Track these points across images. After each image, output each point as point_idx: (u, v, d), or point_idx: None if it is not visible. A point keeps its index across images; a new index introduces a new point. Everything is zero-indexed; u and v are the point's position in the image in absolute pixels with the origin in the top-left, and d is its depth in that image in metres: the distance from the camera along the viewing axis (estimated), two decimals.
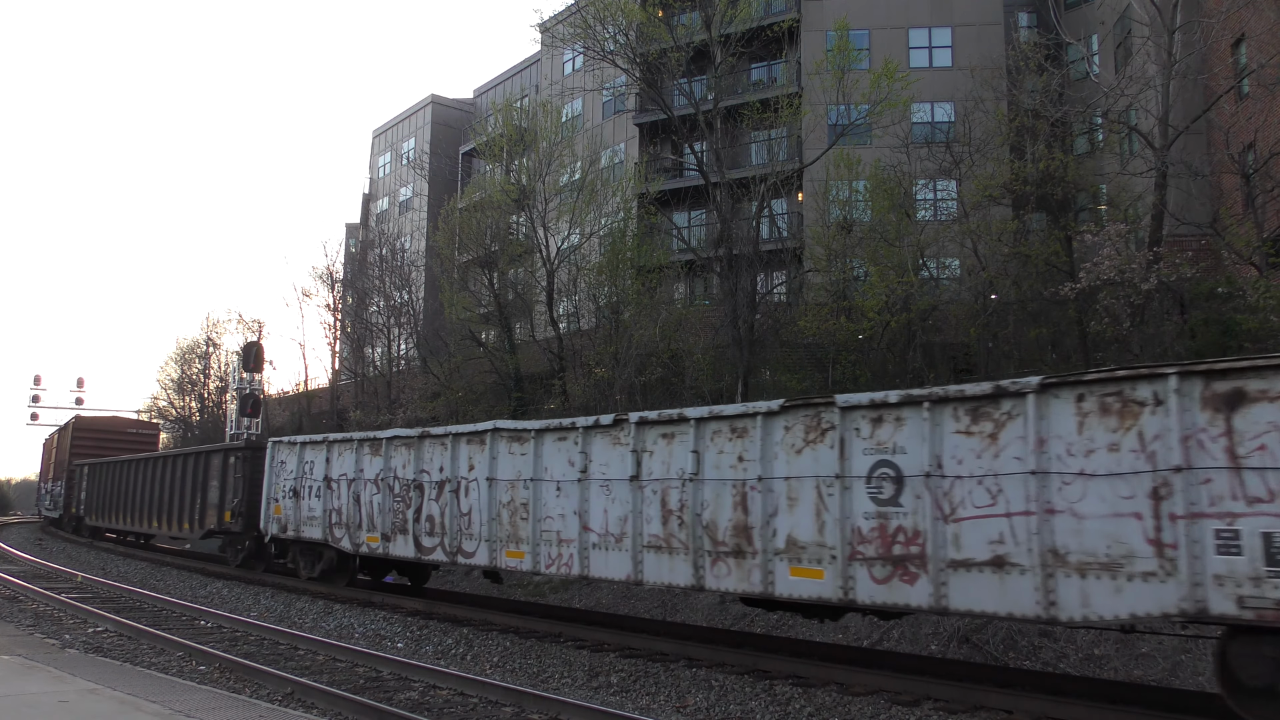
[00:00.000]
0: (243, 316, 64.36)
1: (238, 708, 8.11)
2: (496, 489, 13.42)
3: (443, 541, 14.35)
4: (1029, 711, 8.26)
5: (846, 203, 25.80)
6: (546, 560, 12.46)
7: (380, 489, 15.90)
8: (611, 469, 11.85)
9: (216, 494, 21.71)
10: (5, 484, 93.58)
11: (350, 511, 16.78)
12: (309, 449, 18.07)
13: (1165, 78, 20.35)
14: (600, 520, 11.85)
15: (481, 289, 33.45)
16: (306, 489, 17.91)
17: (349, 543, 16.71)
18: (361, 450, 16.66)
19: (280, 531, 18.62)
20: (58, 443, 40.46)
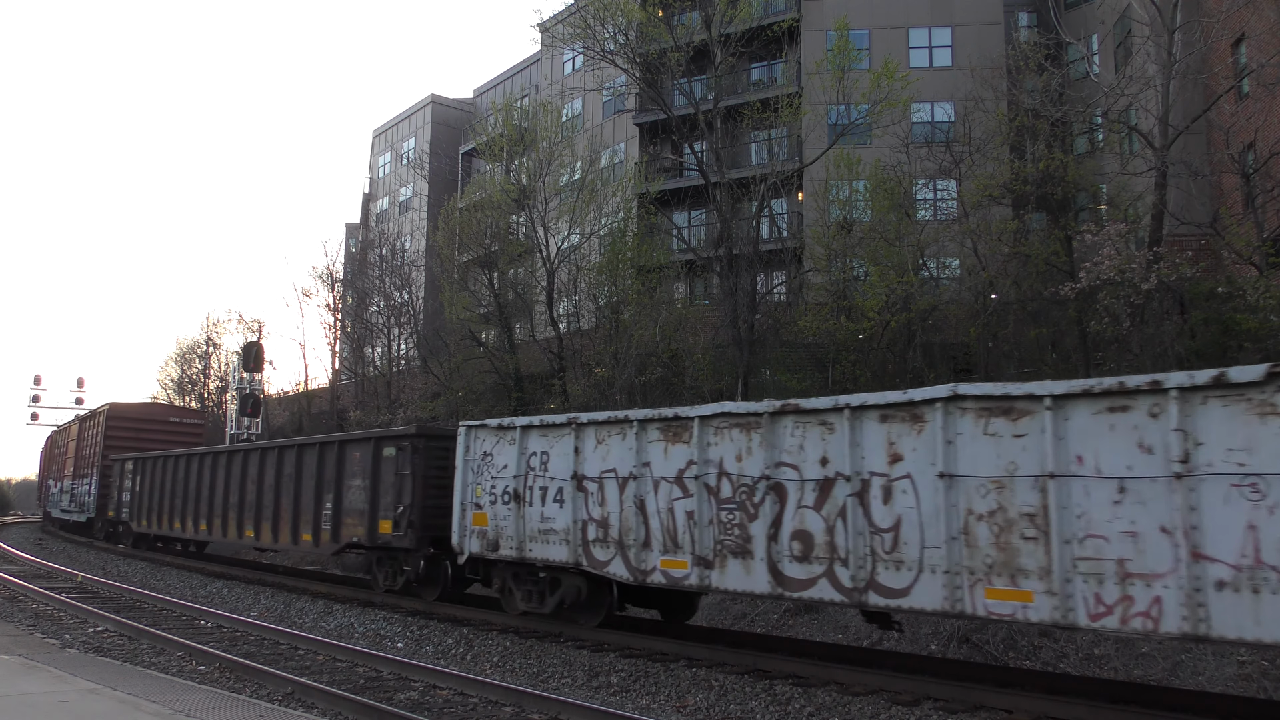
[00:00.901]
0: (243, 316, 64.40)
1: (238, 707, 8.12)
2: (959, 491, 8.89)
3: (831, 571, 9.66)
4: (1029, 711, 8.26)
5: (846, 202, 25.81)
6: (1090, 605, 7.99)
7: (691, 491, 11.06)
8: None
9: (362, 496, 16.56)
10: (5, 484, 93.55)
11: (628, 523, 11.82)
12: (537, 435, 13.13)
13: (1165, 77, 20.35)
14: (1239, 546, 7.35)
15: (481, 289, 33.45)
16: (536, 491, 12.98)
17: (623, 567, 11.73)
18: (646, 435, 11.79)
19: (487, 549, 13.52)
20: (81, 435, 35.23)
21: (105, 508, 30.62)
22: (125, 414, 32.91)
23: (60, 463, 38.77)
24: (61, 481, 37.96)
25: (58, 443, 40.50)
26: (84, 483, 33.38)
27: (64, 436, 39.25)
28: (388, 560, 16.59)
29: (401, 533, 15.48)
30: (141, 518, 26.87)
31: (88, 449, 33.31)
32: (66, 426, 39.69)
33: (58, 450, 39.99)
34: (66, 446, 37.63)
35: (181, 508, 23.79)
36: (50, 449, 43.13)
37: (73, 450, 35.72)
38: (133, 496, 27.46)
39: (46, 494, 42.17)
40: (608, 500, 12.04)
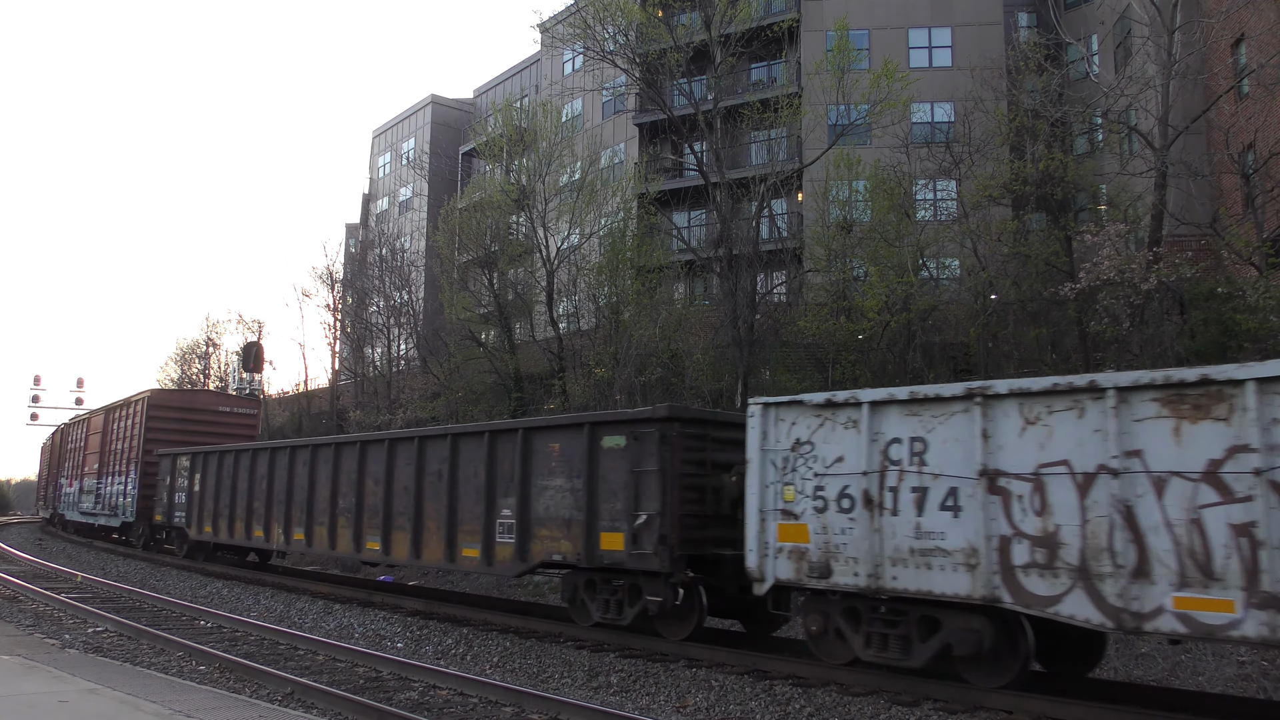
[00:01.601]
0: (242, 316, 64.36)
1: (238, 707, 8.12)
2: None
3: None
4: (1029, 711, 8.26)
5: (846, 203, 25.83)
6: None
7: (1244, 493, 7.37)
8: None
9: (567, 501, 12.59)
10: (5, 484, 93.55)
11: (1098, 540, 8.04)
12: (899, 415, 9.40)
13: (1165, 78, 20.37)
14: None
15: (481, 289, 33.47)
16: (904, 494, 9.22)
17: (1090, 606, 7.99)
18: (1130, 409, 8.02)
19: (809, 574, 9.84)
20: (109, 427, 30.27)
21: (149, 510, 25.87)
22: (169, 402, 28.11)
23: (76, 459, 34.24)
24: (80, 480, 33.15)
25: (71, 437, 36.15)
26: (115, 481, 28.58)
27: (80, 430, 34.65)
28: (609, 585, 12.30)
29: (646, 550, 11.42)
30: (203, 523, 22.07)
31: (120, 442, 28.82)
32: (85, 419, 34.70)
33: (72, 445, 35.76)
34: (86, 440, 33.20)
35: (264, 512, 19.38)
36: (59, 444, 38.81)
37: (96, 444, 31.04)
38: (190, 498, 22.75)
39: (58, 493, 37.27)
40: (1053, 506, 8.30)
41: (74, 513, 33.45)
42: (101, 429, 30.98)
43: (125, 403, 29.38)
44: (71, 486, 34.61)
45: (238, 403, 30.05)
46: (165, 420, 27.07)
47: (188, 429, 26.89)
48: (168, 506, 24.01)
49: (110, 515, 28.91)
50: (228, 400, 30.76)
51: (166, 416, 27.20)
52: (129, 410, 28.74)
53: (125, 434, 28.49)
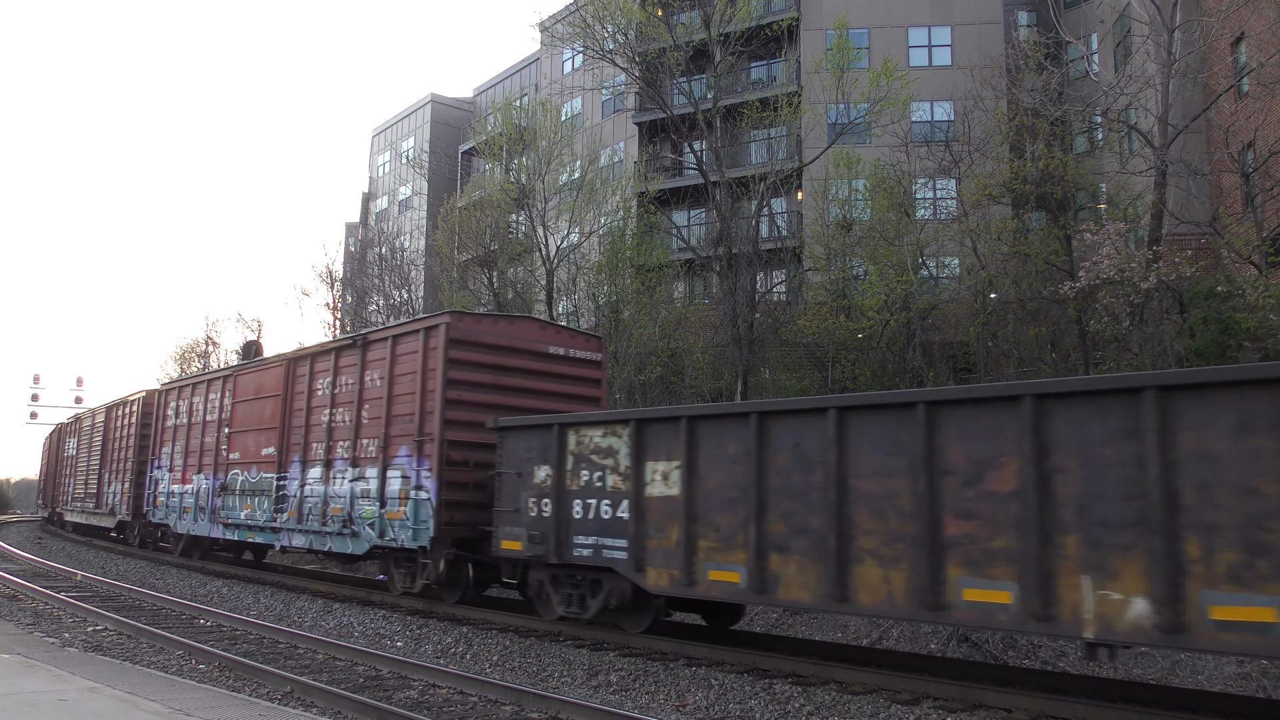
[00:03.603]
0: (242, 315, 64.37)
1: (237, 706, 8.12)
2: None
3: None
4: (1028, 710, 8.26)
5: (846, 202, 25.84)
6: None
7: None
8: None
9: None
10: (5, 483, 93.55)
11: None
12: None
13: (1165, 76, 20.37)
14: None
15: (481, 288, 33.47)
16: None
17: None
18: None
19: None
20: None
21: (465, 525, 14.02)
22: (475, 334, 14.66)
23: (157, 434, 23.36)
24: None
25: (184, 409, 22.34)
26: (350, 473, 15.50)
27: (184, 397, 22.20)
28: None
29: None
30: (704, 559, 10.37)
31: (364, 408, 15.48)
32: (204, 379, 21.80)
33: (178, 422, 22.58)
34: (198, 408, 21.32)
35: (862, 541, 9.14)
36: (121, 422, 27.60)
37: (251, 416, 18.74)
38: (647, 509, 10.98)
39: (152, 496, 23.77)
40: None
41: (203, 523, 20.57)
42: (280, 386, 17.72)
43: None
44: (176, 482, 22.01)
45: (573, 340, 15.92)
46: (468, 365, 14.25)
47: (497, 383, 14.47)
48: (556, 526, 11.94)
49: (331, 531, 15.82)
50: (559, 336, 15.89)
51: (470, 361, 14.27)
52: (431, 342, 14.40)
53: (425, 394, 14.26)
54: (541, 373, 15.07)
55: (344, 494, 15.49)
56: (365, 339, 15.63)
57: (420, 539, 13.77)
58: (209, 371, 22.18)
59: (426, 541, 13.68)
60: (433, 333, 14.35)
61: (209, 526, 20.24)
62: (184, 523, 21.61)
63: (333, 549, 15.89)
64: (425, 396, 14.09)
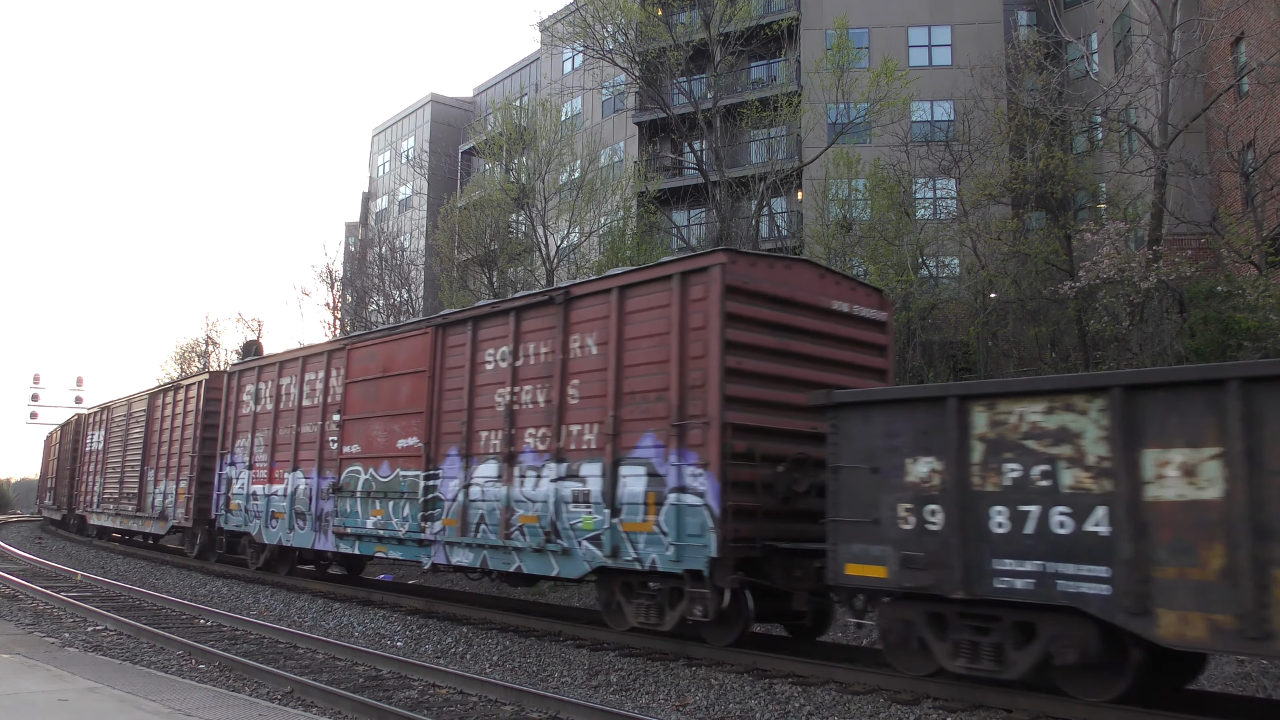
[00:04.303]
0: (242, 315, 64.35)
1: (237, 706, 8.12)
2: None
3: None
4: (1028, 710, 8.25)
5: (846, 201, 25.83)
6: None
7: None
8: None
9: None
10: (5, 483, 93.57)
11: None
12: None
13: (1165, 76, 20.37)
14: None
15: (481, 287, 33.46)
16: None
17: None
18: None
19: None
20: (540, 358, 12.26)
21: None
22: (750, 281, 10.71)
23: (259, 429, 18.58)
24: (315, 470, 16.46)
25: (232, 391, 19.87)
26: (551, 470, 11.83)
27: (268, 379, 18.49)
28: None
29: None
30: None
31: (570, 384, 11.82)
32: (297, 356, 17.86)
33: (224, 405, 20.24)
34: (290, 391, 17.76)
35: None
36: (172, 410, 23.91)
37: (377, 399, 15.09)
38: None
39: (223, 498, 19.98)
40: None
41: (312, 533, 16.50)
42: (434, 359, 13.87)
43: (636, 278, 11.48)
44: (275, 482, 17.79)
45: (854, 294, 12.12)
46: (747, 324, 10.62)
47: (779, 347, 10.90)
48: (914, 539, 8.68)
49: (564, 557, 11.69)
50: (840, 288, 11.98)
51: (749, 318, 10.64)
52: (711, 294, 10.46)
53: (641, 358, 11.08)
54: (823, 335, 11.34)
55: (542, 497, 11.84)
56: (568, 294, 11.92)
57: (689, 560, 10.09)
58: (306, 346, 18.29)
59: (701, 564, 9.95)
60: (695, 280, 10.53)
61: (312, 536, 16.35)
62: (273, 531, 17.75)
63: (524, 569, 12.15)
64: (686, 365, 10.42)
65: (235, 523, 19.35)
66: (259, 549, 19.18)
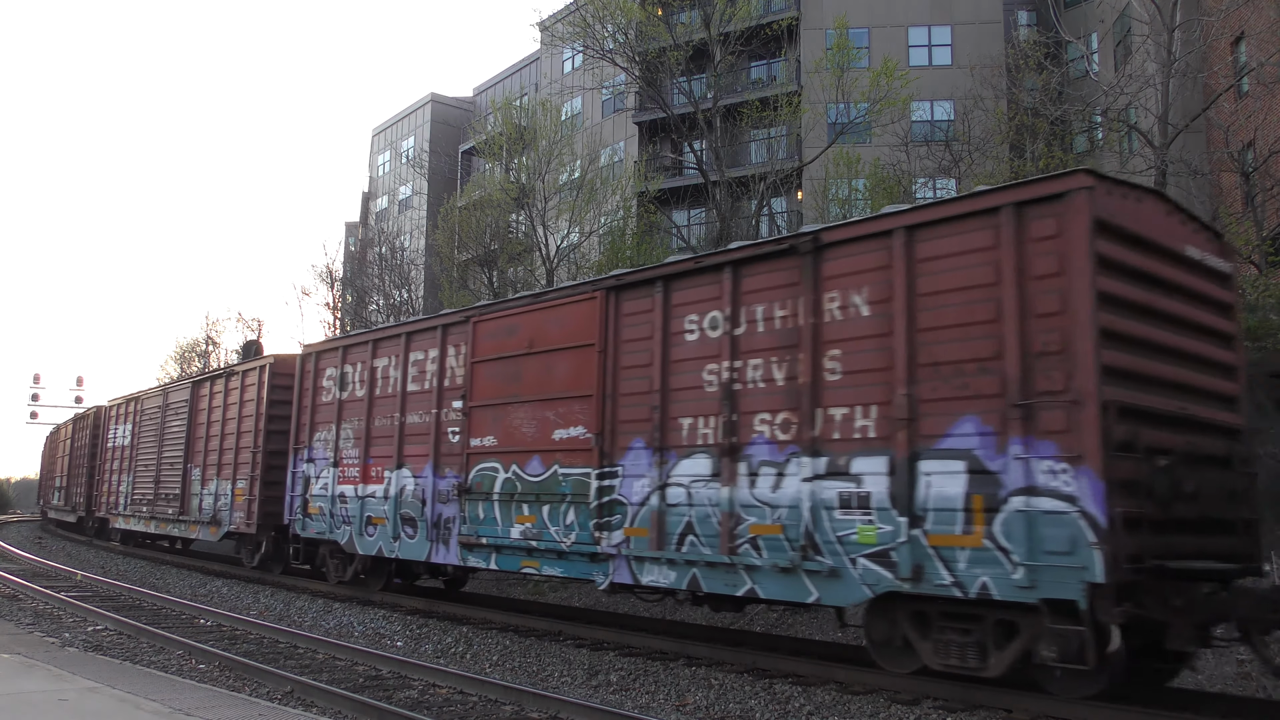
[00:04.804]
0: (242, 315, 64.34)
1: (237, 706, 8.12)
2: None
3: None
4: (1028, 710, 8.25)
5: (846, 201, 25.81)
6: None
7: None
8: None
9: None
10: (5, 483, 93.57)
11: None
12: None
13: (1165, 76, 20.37)
14: None
15: (481, 287, 33.44)
16: None
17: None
18: None
19: None
20: (774, 325, 9.76)
21: None
22: (1117, 216, 8.04)
23: (346, 419, 15.80)
24: (430, 468, 13.76)
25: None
26: (803, 466, 9.23)
27: (358, 360, 15.74)
28: None
29: None
30: None
31: (826, 356, 9.26)
32: (399, 332, 15.06)
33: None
34: (390, 374, 14.91)
35: None
36: (225, 400, 21.13)
37: (520, 380, 12.48)
38: None
39: (299, 500, 17.08)
40: None
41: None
42: (605, 329, 11.49)
43: (926, 217, 8.89)
44: (372, 481, 15.15)
45: (1197, 238, 9.55)
46: (1121, 273, 8.11)
47: (1147, 303, 8.37)
48: None
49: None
50: (1186, 230, 9.41)
51: (1123, 265, 8.12)
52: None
53: (937, 320, 8.55)
54: (1178, 289, 8.88)
55: (787, 501, 9.33)
56: (818, 241, 9.53)
57: (1051, 586, 7.62)
58: (409, 321, 15.62)
59: (1074, 592, 7.47)
60: (1039, 212, 8.07)
61: (426, 547, 13.74)
62: (368, 539, 15.04)
63: (762, 593, 9.58)
64: (1030, 326, 7.96)
65: (316, 529, 16.52)
66: (345, 560, 16.55)
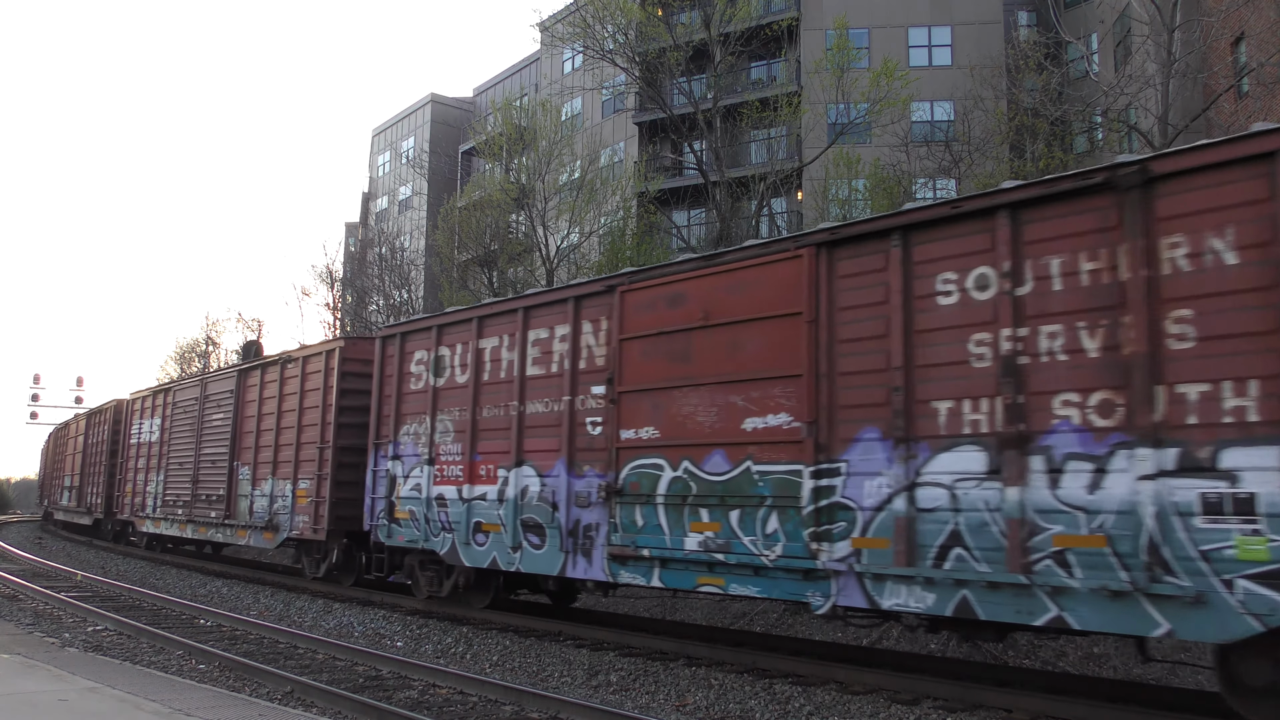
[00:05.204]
0: (242, 315, 64.34)
1: (237, 706, 8.12)
2: None
3: None
4: (1028, 710, 8.25)
5: (846, 201, 25.82)
6: None
7: None
8: None
9: None
10: (4, 483, 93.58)
11: None
12: None
13: (1165, 76, 20.37)
14: None
15: (481, 287, 33.44)
16: None
17: None
18: None
19: None
20: None
21: None
22: None
23: (442, 409, 13.87)
24: (563, 464, 11.86)
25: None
26: None
27: (455, 341, 13.90)
28: None
29: None
30: None
31: None
32: (508, 308, 13.19)
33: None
34: (500, 356, 13.13)
35: None
36: (278, 390, 18.84)
37: (692, 360, 10.43)
38: None
39: (383, 502, 14.91)
40: None
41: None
42: (814, 294, 9.42)
43: None
44: (479, 481, 13.31)
45: None
46: None
47: None
48: None
49: None
50: None
51: None
52: None
53: None
54: None
55: (1116, 505, 7.34)
56: (1146, 172, 7.39)
57: None
58: (528, 294, 12.98)
59: None
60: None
61: (559, 559, 11.60)
62: (478, 549, 12.96)
63: (1074, 621, 7.62)
64: None
65: (406, 536, 14.25)
66: (441, 572, 14.38)
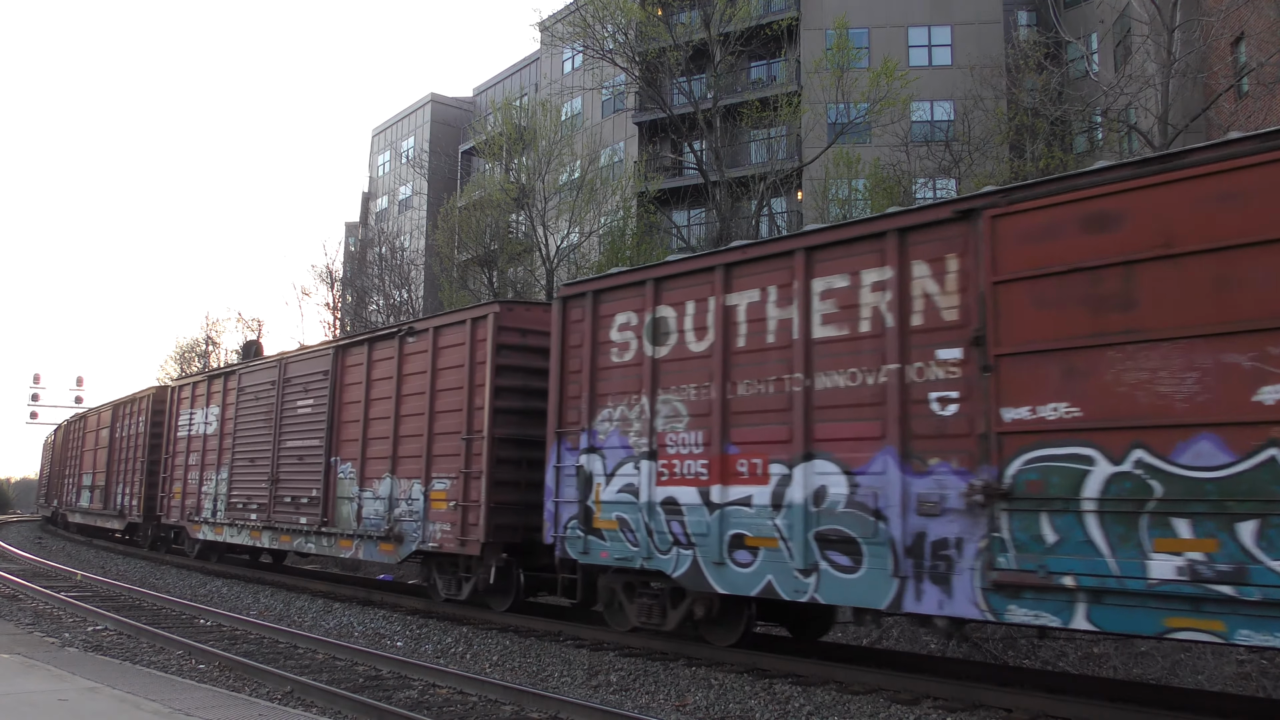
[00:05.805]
0: (242, 315, 64.30)
1: (237, 706, 8.12)
2: None
3: None
4: (1028, 709, 8.25)
5: (846, 201, 25.81)
6: None
7: None
8: None
9: None
10: (5, 483, 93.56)
11: None
12: None
13: (1165, 76, 20.37)
14: None
15: (481, 287, 33.44)
16: None
17: None
18: None
19: None
20: None
21: None
22: None
23: (671, 384, 10.37)
24: (969, 462, 8.04)
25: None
26: None
27: (733, 291, 10.05)
28: None
29: None
30: None
31: None
32: (853, 234, 9.69)
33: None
34: (789, 321, 9.46)
35: None
36: (401, 371, 15.02)
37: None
38: None
39: (578, 507, 11.38)
40: None
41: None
42: None
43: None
44: (758, 480, 9.55)
45: None
46: None
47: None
48: None
49: None
50: None
51: None
52: None
53: None
54: None
55: None
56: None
57: None
58: (815, 229, 10.11)
59: None
60: None
61: (890, 587, 8.46)
62: (739, 571, 9.63)
63: None
64: None
65: (614, 552, 10.92)
66: (665, 599, 10.86)
